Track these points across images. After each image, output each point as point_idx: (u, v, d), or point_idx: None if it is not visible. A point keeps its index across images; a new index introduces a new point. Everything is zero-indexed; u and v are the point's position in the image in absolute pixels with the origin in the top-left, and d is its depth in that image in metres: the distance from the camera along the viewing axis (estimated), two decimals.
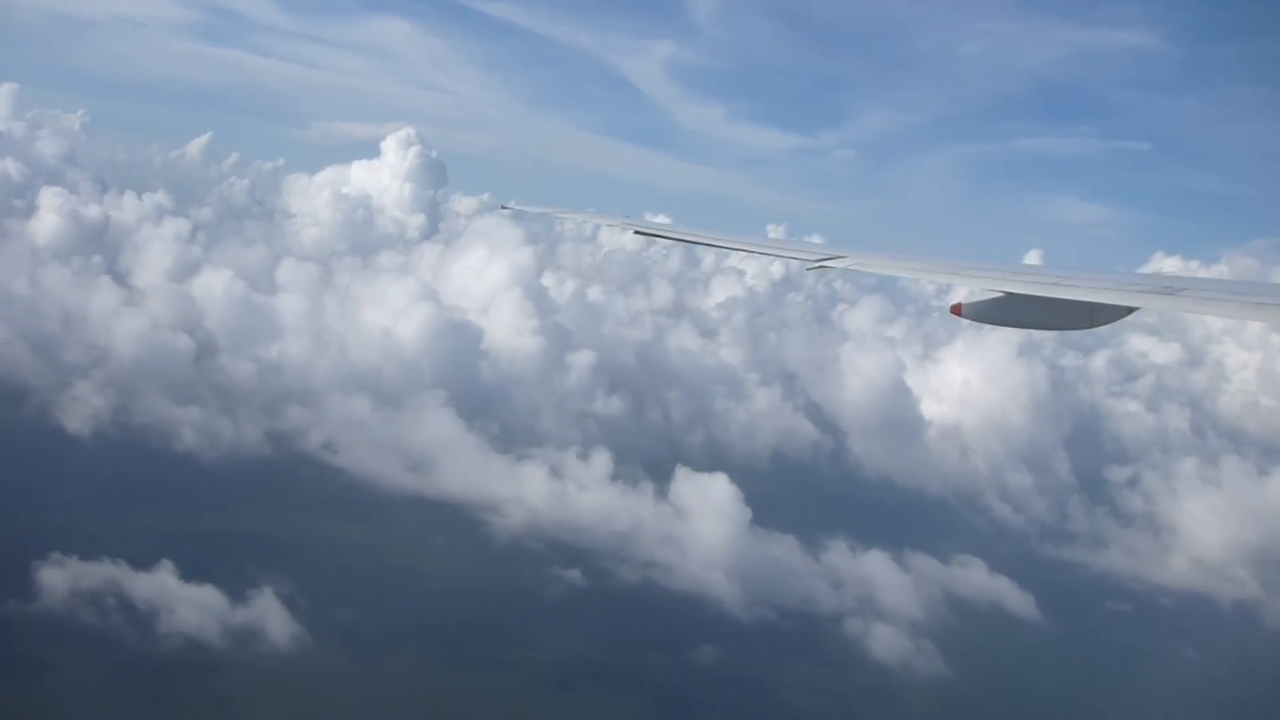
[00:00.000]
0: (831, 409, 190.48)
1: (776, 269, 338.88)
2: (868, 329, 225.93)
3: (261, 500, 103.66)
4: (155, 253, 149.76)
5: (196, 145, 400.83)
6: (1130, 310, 11.46)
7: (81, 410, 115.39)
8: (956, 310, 12.52)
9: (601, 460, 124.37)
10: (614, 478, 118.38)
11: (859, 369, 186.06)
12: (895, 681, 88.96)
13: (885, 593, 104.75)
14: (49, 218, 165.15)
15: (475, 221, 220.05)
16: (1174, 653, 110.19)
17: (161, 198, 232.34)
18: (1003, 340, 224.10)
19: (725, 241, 17.19)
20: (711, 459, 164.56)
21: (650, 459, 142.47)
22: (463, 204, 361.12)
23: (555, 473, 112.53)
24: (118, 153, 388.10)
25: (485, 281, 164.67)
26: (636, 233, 17.95)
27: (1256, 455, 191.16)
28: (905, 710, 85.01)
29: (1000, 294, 12.08)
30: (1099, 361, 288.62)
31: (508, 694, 77.20)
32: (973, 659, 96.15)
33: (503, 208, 32.46)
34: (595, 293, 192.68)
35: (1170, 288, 11.06)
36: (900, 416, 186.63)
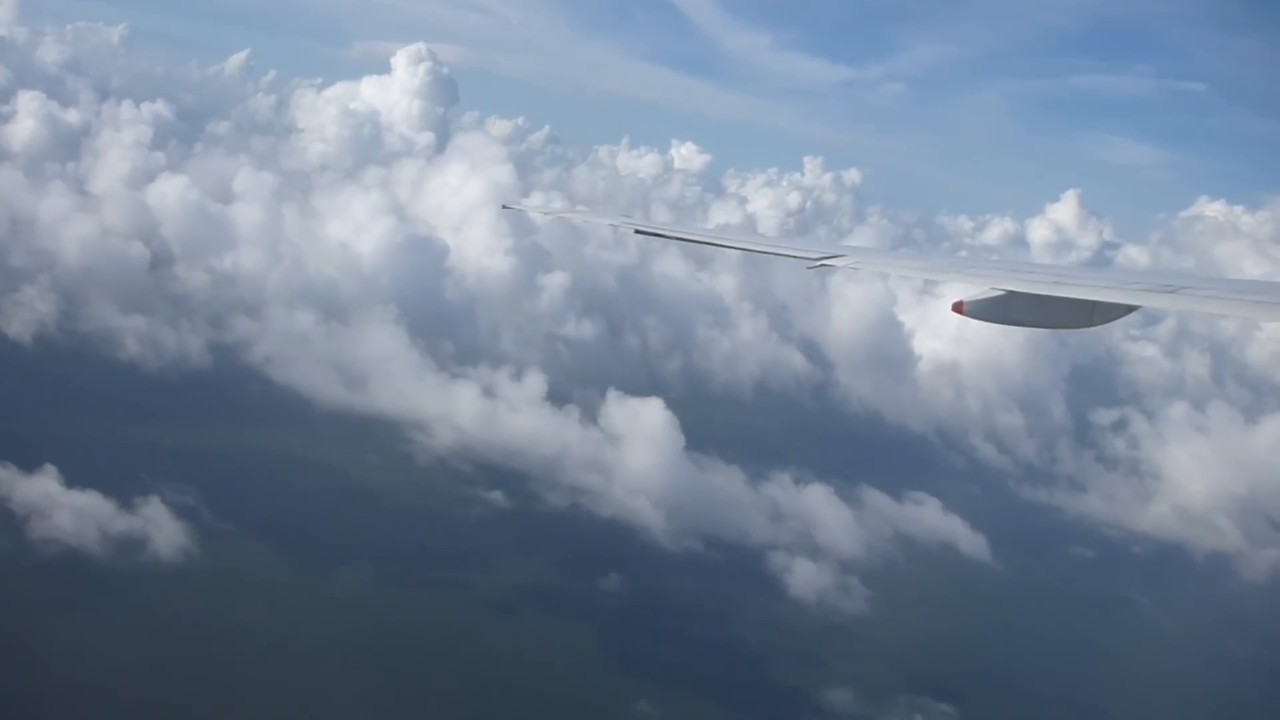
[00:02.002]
0: (820, 341, 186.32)
1: (793, 199, 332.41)
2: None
3: (193, 411, 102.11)
4: (114, 159, 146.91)
5: (235, 62, 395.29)
6: (1131, 309, 11.52)
7: (24, 315, 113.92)
8: (958, 308, 12.30)
9: (553, 384, 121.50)
10: (561, 402, 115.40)
11: (849, 302, 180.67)
12: (807, 618, 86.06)
13: (822, 528, 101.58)
14: (26, 123, 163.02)
15: (460, 138, 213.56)
16: (1126, 600, 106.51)
17: (161, 108, 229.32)
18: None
19: (726, 240, 17.50)
20: (688, 387, 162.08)
21: (616, 384, 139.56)
22: (497, 127, 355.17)
23: (489, 393, 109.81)
24: (155, 66, 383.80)
25: (461, 199, 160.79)
26: (637, 231, 17.47)
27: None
28: (809, 646, 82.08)
29: (1001, 292, 11.98)
30: None
31: (401, 610, 75.30)
32: (900, 599, 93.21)
33: (503, 206, 31.66)
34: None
35: (1171, 286, 11.06)
36: (890, 351, 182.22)
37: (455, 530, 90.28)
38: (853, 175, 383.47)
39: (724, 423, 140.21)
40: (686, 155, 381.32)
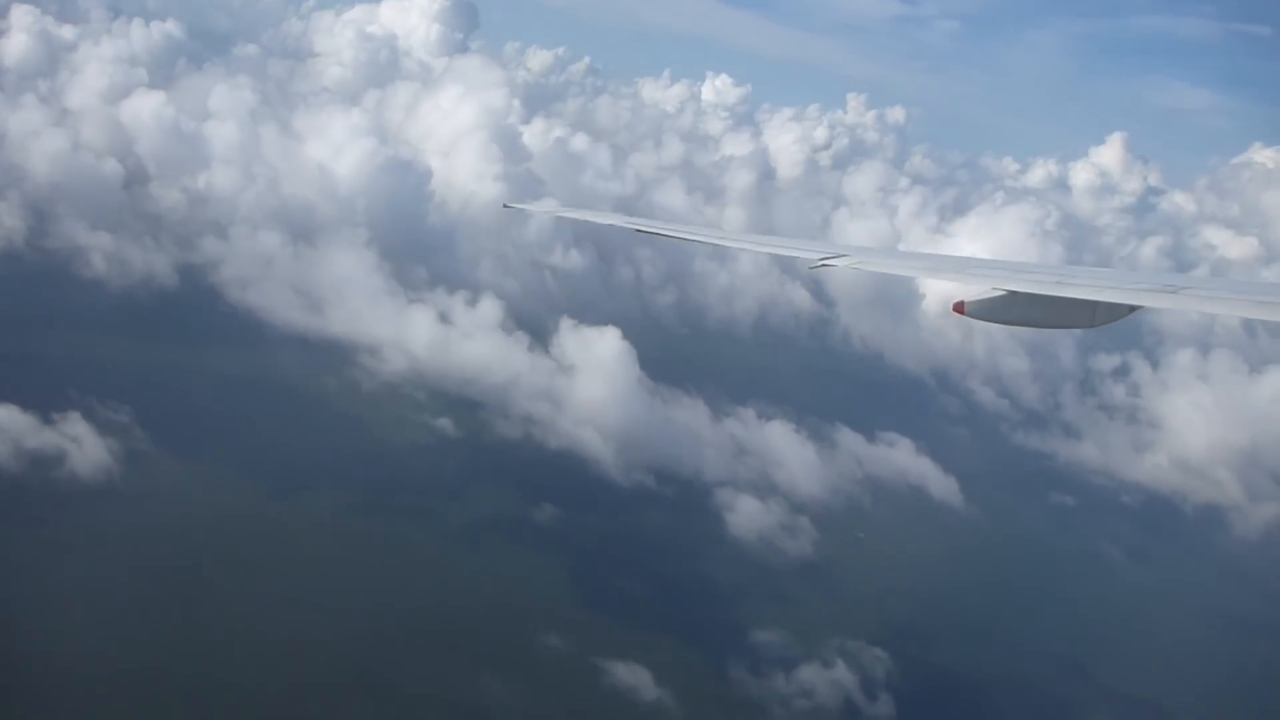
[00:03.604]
0: (824, 278, 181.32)
1: (820, 134, 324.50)
2: (868, 196, 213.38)
3: (146, 330, 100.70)
4: (91, 75, 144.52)
5: None
6: (1133, 309, 11.47)
7: None
8: (959, 308, 12.23)
9: (530, 314, 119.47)
10: (532, 332, 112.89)
11: (852, 238, 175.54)
12: (746, 557, 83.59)
13: (781, 467, 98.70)
14: (17, 38, 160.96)
15: (456, 62, 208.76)
16: (1097, 551, 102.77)
17: (171, 27, 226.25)
18: (1021, 217, 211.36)
19: (729, 240, 17.24)
20: (680, 321, 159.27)
21: (602, 316, 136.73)
22: (537, 58, 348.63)
23: (448, 319, 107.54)
24: None
25: (452, 124, 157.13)
26: (638, 231, 17.22)
27: None
28: (745, 586, 79.73)
29: (1003, 293, 11.89)
30: (1148, 249, 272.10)
31: (330, 534, 73.97)
32: (850, 541, 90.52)
33: (504, 206, 31.54)
34: (580, 141, 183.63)
35: (1173, 286, 11.16)
36: (894, 291, 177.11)
37: (399, 458, 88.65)
38: (897, 114, 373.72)
39: (706, 358, 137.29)
40: (721, 88, 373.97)
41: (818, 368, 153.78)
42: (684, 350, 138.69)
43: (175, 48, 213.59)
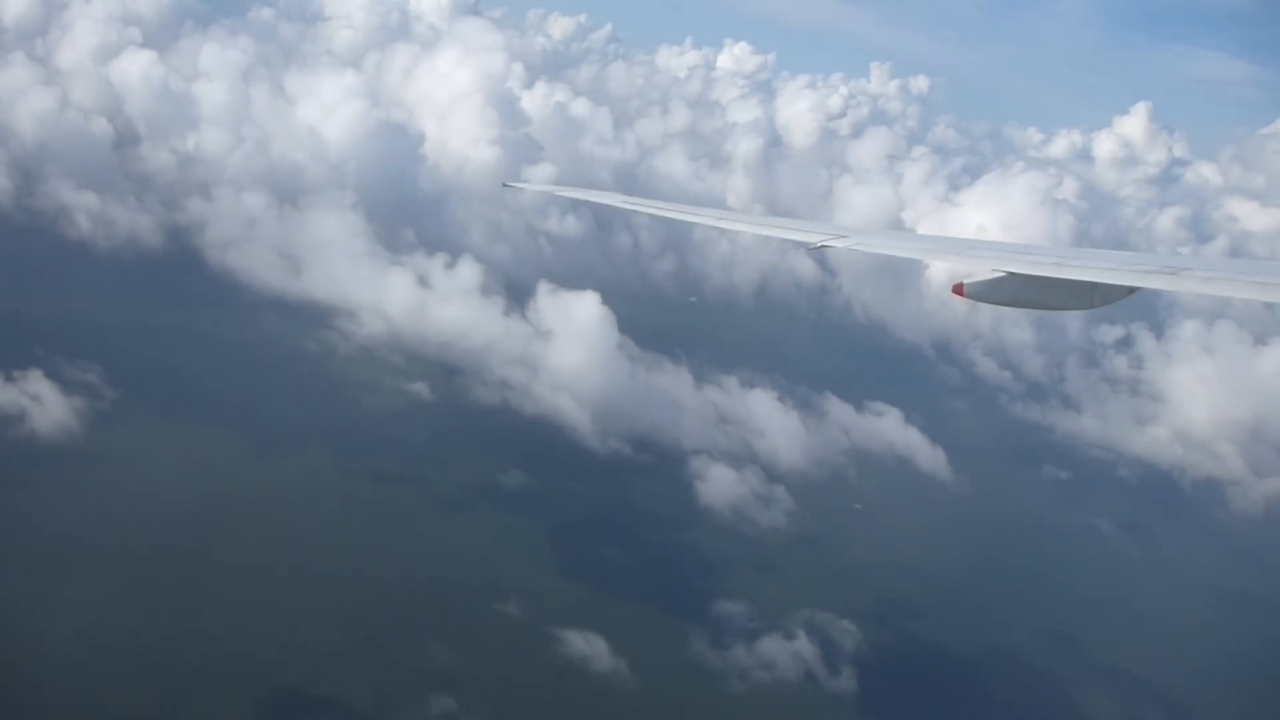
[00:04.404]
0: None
1: (834, 103, 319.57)
2: (873, 163, 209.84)
3: (124, 291, 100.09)
4: (82, 33, 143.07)
5: None
6: (1132, 290, 11.51)
7: None
8: (958, 290, 12.18)
9: (515, 279, 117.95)
10: (514, 297, 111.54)
11: (854, 207, 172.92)
12: (717, 526, 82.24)
13: (762, 436, 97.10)
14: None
15: (456, 25, 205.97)
16: (1083, 524, 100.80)
17: None
18: (1030, 187, 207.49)
19: (727, 221, 17.21)
20: (682, 289, 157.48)
21: (595, 282, 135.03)
22: (559, 25, 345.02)
23: (425, 283, 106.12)
24: None
25: (449, 87, 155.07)
26: (634, 210, 17.60)
27: None
28: (714, 555, 78.43)
29: (1002, 274, 11.87)
30: (1166, 220, 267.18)
31: (296, 497, 73.16)
32: (828, 512, 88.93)
33: (504, 185, 34.85)
34: (581, 107, 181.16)
35: (1173, 268, 11.31)
36: (898, 263, 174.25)
37: (372, 422, 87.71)
38: (920, 83, 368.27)
39: (701, 327, 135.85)
40: (739, 55, 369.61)
41: (816, 337, 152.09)
42: (678, 319, 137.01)
43: (183, 10, 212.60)
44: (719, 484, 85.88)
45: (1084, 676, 75.26)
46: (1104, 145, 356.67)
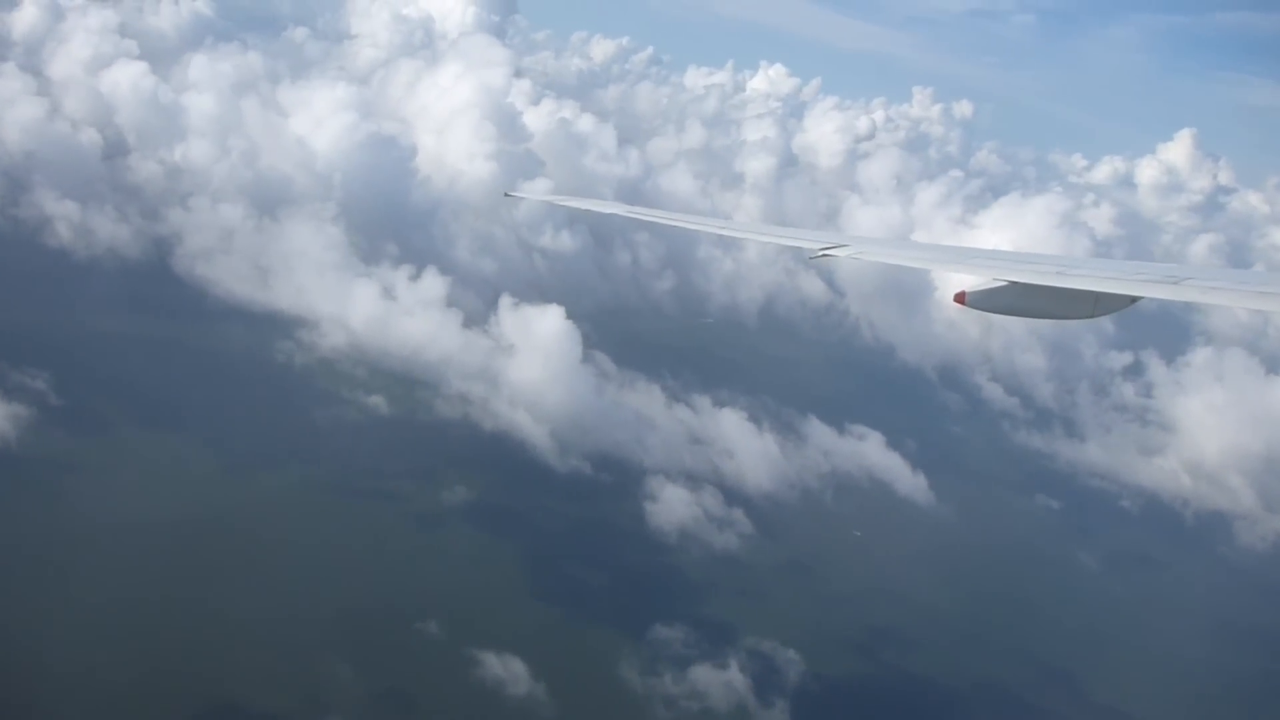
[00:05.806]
0: (833, 267, 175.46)
1: (862, 125, 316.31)
2: (882, 184, 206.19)
3: (97, 300, 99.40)
4: (76, 46, 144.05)
5: None
6: (1134, 299, 11.41)
7: None
8: (960, 299, 11.98)
9: (496, 296, 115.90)
10: (472, 312, 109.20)
11: (861, 227, 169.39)
12: (666, 548, 79.17)
13: (730, 458, 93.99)
14: (29, 10, 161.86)
15: (462, 41, 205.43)
16: (1064, 556, 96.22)
17: (201, 6, 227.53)
18: (1048, 209, 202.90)
19: (726, 228, 18.31)
20: (679, 307, 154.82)
21: (589, 298, 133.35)
22: (600, 48, 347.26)
23: (392, 295, 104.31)
24: None
25: (448, 102, 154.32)
26: (632, 218, 17.70)
27: None
28: (661, 579, 75.38)
29: (1004, 283, 11.77)
30: (1199, 247, 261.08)
31: (234, 508, 71.31)
32: (788, 537, 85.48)
33: (505, 194, 33.15)
34: (586, 122, 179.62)
35: (1174, 277, 11.02)
36: (905, 280, 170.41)
37: (326, 435, 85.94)
38: (963, 108, 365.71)
39: (688, 346, 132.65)
40: (775, 78, 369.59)
41: (818, 359, 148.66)
42: (673, 338, 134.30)
43: (203, 25, 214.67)
44: (673, 505, 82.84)
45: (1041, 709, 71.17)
46: (1147, 172, 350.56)
